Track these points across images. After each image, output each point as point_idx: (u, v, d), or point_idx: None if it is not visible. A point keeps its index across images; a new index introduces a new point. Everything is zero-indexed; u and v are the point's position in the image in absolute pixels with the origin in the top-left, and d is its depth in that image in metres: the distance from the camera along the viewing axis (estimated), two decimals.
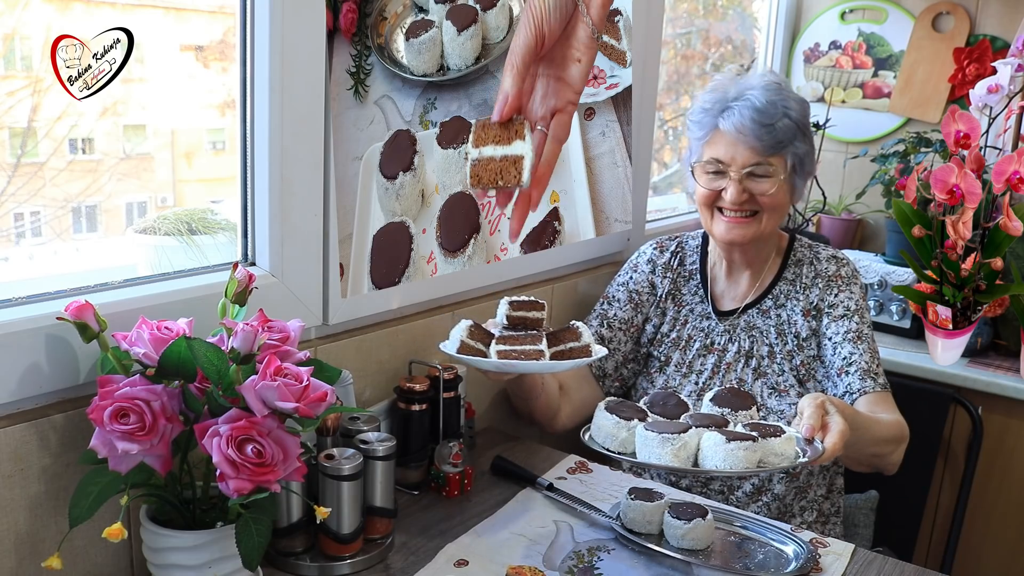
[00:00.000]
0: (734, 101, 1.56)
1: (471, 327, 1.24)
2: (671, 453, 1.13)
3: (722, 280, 1.70)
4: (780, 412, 1.56)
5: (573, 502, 1.36)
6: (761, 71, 1.69)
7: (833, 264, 1.65)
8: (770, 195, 1.56)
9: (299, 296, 1.29)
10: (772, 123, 1.53)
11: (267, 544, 0.97)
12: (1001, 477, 1.99)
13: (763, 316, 1.65)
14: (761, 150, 1.54)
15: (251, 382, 0.93)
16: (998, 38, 2.42)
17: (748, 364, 1.63)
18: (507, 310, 1.23)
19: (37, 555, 1.03)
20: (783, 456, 1.16)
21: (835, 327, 1.59)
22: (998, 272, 1.89)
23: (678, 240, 1.77)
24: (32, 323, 1.02)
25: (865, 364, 1.55)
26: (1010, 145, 2.09)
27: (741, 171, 1.55)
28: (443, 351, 1.26)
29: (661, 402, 1.25)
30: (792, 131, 1.56)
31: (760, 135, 1.53)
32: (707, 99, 1.60)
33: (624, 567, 1.21)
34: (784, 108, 1.55)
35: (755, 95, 1.55)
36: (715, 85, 1.62)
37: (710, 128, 1.59)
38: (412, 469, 1.40)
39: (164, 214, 1.40)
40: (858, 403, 1.52)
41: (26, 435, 1.01)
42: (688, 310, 1.70)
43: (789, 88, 1.62)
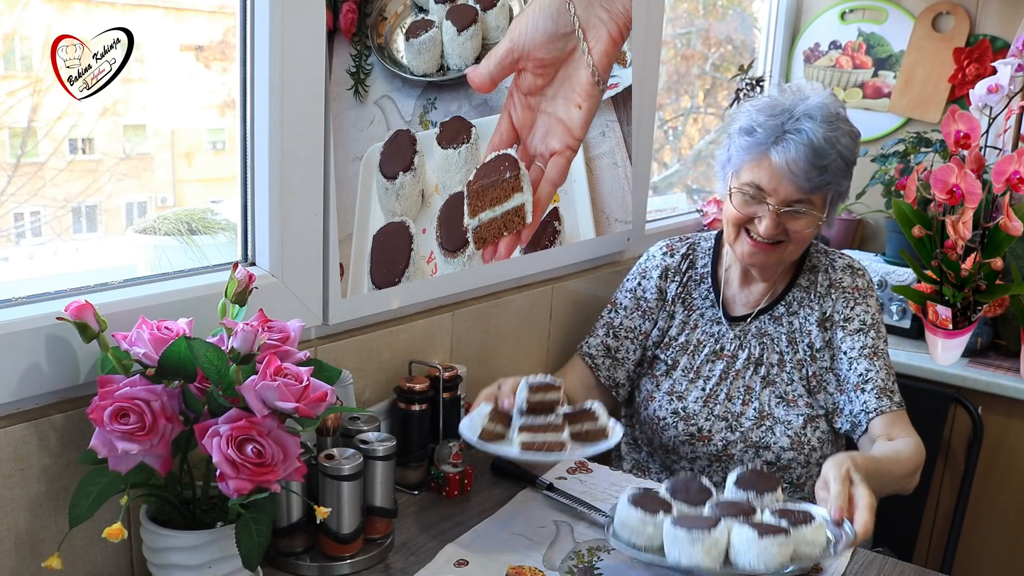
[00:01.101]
0: (790, 133, 1.46)
1: (491, 412, 1.24)
2: (702, 552, 1.09)
3: (735, 284, 1.65)
4: (787, 423, 1.54)
5: (573, 502, 1.36)
6: (819, 89, 1.53)
7: (849, 275, 1.60)
8: (804, 232, 1.50)
9: (299, 296, 1.29)
10: (825, 164, 1.45)
11: (267, 544, 0.97)
12: (1001, 477, 1.99)
13: (775, 323, 1.61)
14: (807, 189, 1.46)
15: (251, 382, 0.93)
16: (998, 38, 2.42)
17: (757, 372, 1.59)
18: (527, 395, 1.23)
19: (37, 555, 1.03)
20: (815, 544, 1.13)
21: (851, 341, 1.55)
22: (998, 272, 1.89)
23: (689, 242, 1.72)
24: (32, 323, 1.02)
25: (881, 382, 1.52)
26: (1010, 145, 2.09)
27: (780, 206, 1.48)
28: (464, 436, 1.26)
29: (684, 488, 1.20)
30: (841, 170, 1.49)
31: (810, 175, 1.45)
32: (760, 119, 1.49)
33: (624, 567, 1.21)
34: (838, 145, 1.46)
35: (812, 129, 1.45)
36: (771, 101, 1.51)
37: (759, 153, 1.49)
38: (412, 469, 1.40)
39: (164, 214, 1.40)
40: (874, 424, 1.49)
41: (26, 435, 1.01)
42: (698, 314, 1.66)
43: (845, 117, 1.52)
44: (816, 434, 1.55)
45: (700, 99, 2.80)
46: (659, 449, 1.62)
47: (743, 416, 1.56)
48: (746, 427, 1.55)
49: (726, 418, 1.56)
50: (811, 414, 1.55)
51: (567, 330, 1.87)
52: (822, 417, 1.56)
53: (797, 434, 1.54)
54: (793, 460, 1.54)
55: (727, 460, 1.56)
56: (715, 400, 1.58)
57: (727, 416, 1.56)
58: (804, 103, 1.48)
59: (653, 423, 1.61)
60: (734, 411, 1.56)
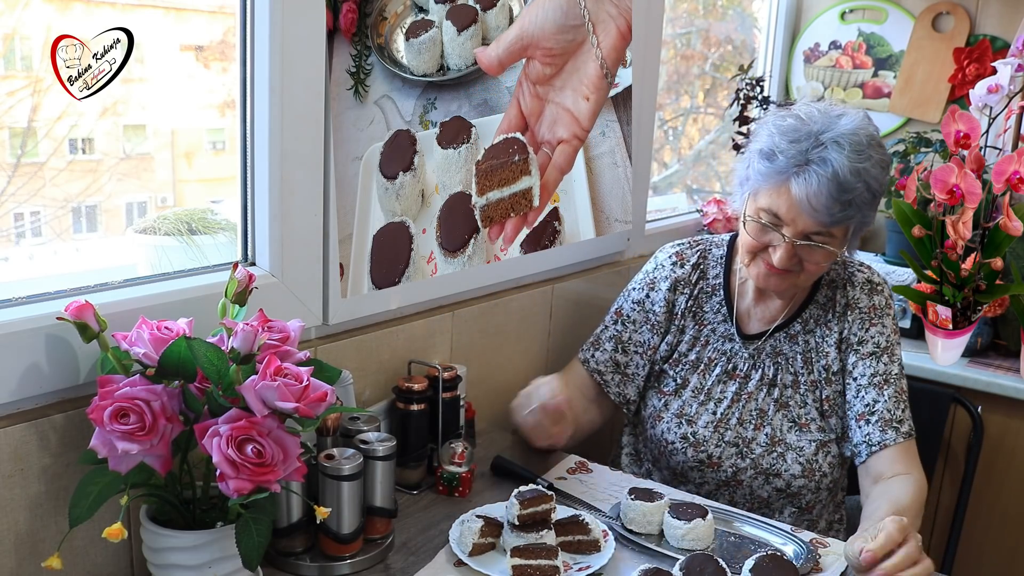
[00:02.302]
0: (813, 164, 1.34)
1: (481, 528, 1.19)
2: None
3: (749, 298, 1.56)
4: (799, 449, 1.49)
5: (573, 502, 1.36)
6: (857, 114, 1.39)
7: (867, 293, 1.52)
8: (819, 264, 1.43)
9: (299, 296, 1.29)
10: (850, 199, 1.35)
11: (267, 544, 0.97)
12: (1001, 477, 1.99)
13: (790, 341, 1.53)
14: (828, 223, 1.37)
15: (251, 382, 0.93)
16: (998, 38, 2.42)
17: (770, 394, 1.52)
18: (517, 510, 1.18)
19: (37, 555, 1.03)
20: None
21: (862, 367, 1.49)
22: (998, 272, 1.89)
23: (700, 250, 1.62)
24: (32, 323, 1.02)
25: (888, 413, 1.45)
26: (1010, 145, 2.09)
27: (797, 238, 1.39)
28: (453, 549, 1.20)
29: (698, 570, 1.15)
30: (868, 203, 1.38)
31: (832, 210, 1.35)
32: (782, 144, 1.37)
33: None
34: (866, 177, 1.35)
35: (838, 160, 1.33)
36: (795, 124, 1.39)
37: (779, 181, 1.38)
38: (412, 469, 1.40)
39: (164, 214, 1.40)
40: (878, 459, 1.44)
41: (26, 435, 1.01)
42: (710, 330, 1.57)
43: (878, 143, 1.39)
44: (827, 459, 1.50)
45: (700, 99, 2.80)
46: (665, 469, 1.58)
47: (754, 442, 1.50)
48: (757, 453, 1.50)
49: (737, 444, 1.51)
50: (823, 439, 1.50)
51: (567, 330, 1.87)
52: (833, 442, 1.51)
53: (809, 461, 1.49)
54: (804, 487, 1.50)
55: (735, 486, 1.52)
56: (726, 425, 1.52)
57: (738, 442, 1.51)
58: (831, 129, 1.37)
59: (661, 445, 1.56)
60: (745, 436, 1.51)
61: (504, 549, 1.18)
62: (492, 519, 1.21)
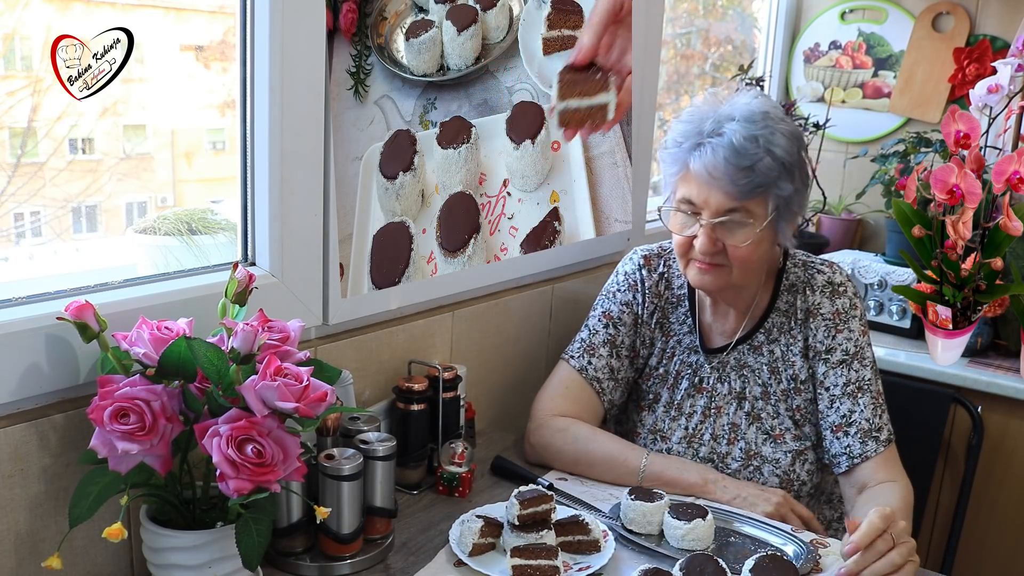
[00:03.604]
0: (709, 137, 1.36)
1: (482, 528, 1.18)
2: None
3: (709, 311, 1.53)
4: (775, 461, 1.47)
5: (573, 502, 1.36)
6: (750, 94, 1.43)
7: (828, 297, 1.47)
8: (743, 247, 1.37)
9: (299, 296, 1.29)
10: (751, 164, 1.34)
11: (267, 544, 0.97)
12: (1001, 477, 1.99)
13: (754, 352, 1.50)
14: (737, 195, 1.35)
15: (251, 382, 0.93)
16: (998, 38, 2.42)
17: (741, 407, 1.50)
18: (517, 510, 1.18)
19: (37, 555, 1.03)
20: None
21: (833, 376, 1.45)
22: (998, 272, 1.89)
23: (663, 258, 1.58)
24: (32, 323, 1.02)
25: (866, 423, 1.43)
26: (1010, 145, 2.09)
27: (713, 218, 1.37)
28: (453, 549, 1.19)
29: (698, 570, 1.14)
30: (776, 171, 1.36)
31: (735, 178, 1.34)
32: (680, 130, 1.40)
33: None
34: (767, 144, 1.34)
35: (733, 129, 1.35)
36: (690, 114, 1.42)
37: (682, 166, 1.40)
38: (412, 469, 1.40)
39: (164, 214, 1.40)
40: (861, 469, 1.42)
41: (26, 435, 1.01)
42: (675, 341, 1.55)
43: (779, 116, 1.40)
44: (805, 468, 1.49)
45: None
46: None
47: (729, 456, 1.49)
48: (733, 468, 1.48)
49: (712, 459, 1.49)
50: (799, 448, 1.48)
51: (567, 330, 1.86)
52: (810, 449, 1.49)
53: (786, 472, 1.47)
54: None
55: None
56: (699, 440, 1.51)
57: (713, 457, 1.49)
58: (725, 109, 1.39)
59: None
60: (720, 451, 1.49)
61: (504, 549, 1.18)
62: (492, 519, 1.21)
